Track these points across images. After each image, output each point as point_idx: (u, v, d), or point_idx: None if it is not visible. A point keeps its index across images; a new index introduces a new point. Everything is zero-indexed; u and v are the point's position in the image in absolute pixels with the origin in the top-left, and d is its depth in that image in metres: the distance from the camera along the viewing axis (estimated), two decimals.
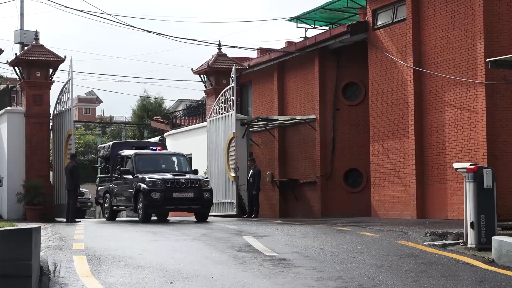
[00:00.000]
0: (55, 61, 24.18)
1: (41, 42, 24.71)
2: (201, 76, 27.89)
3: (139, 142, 26.61)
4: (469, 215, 12.41)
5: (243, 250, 12.20)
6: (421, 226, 16.36)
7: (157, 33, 45.16)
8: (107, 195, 23.13)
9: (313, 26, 30.56)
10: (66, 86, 24.17)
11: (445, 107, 20.87)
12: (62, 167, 23.13)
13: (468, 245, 12.35)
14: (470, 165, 12.67)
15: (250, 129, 27.65)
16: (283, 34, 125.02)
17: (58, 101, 24.79)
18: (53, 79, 24.53)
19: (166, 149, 25.54)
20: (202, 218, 21.22)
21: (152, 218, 22.01)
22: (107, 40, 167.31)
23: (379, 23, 23.91)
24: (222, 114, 25.28)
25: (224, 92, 25.11)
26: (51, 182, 24.40)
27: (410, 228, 15.81)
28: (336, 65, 26.78)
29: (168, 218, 23.15)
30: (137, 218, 21.82)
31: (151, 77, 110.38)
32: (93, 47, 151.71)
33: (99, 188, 24.19)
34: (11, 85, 26.48)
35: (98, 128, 62.75)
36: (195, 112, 37.68)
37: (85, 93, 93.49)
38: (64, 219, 21.95)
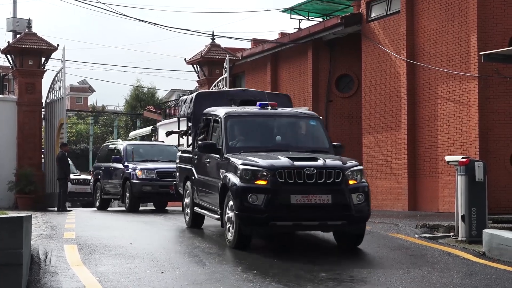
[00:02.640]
0: (48, 50, 24.08)
1: (34, 30, 24.59)
2: (194, 66, 27.84)
3: (244, 94, 14.74)
4: (460, 208, 12.45)
5: None
6: (412, 219, 16.41)
7: (150, 23, 45.04)
8: (188, 183, 14.17)
9: (307, 17, 30.53)
10: (58, 74, 24.08)
11: (437, 100, 20.89)
12: (54, 156, 23.07)
13: (459, 238, 12.39)
14: (462, 158, 12.70)
15: None
16: (276, 25, 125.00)
17: (51, 90, 24.71)
18: (46, 67, 24.43)
19: (291, 106, 14.40)
20: (352, 242, 11.54)
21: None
22: (100, 29, 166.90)
23: (373, 15, 23.89)
24: None
25: (217, 83, 25.07)
26: (43, 171, 24.34)
27: (401, 221, 15.85)
28: (330, 57, 26.77)
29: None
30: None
31: (144, 66, 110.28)
32: (86, 36, 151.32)
33: (179, 170, 15.12)
34: (3, 73, 26.36)
35: (90, 117, 62.63)
36: None
37: (77, 82, 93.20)
38: (56, 208, 21.90)
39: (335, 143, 12.71)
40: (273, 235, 12.07)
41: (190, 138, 14.58)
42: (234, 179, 10.96)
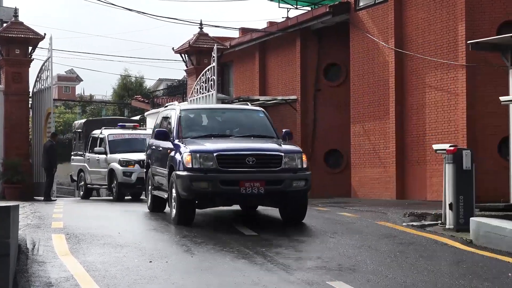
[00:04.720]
0: (35, 39, 23.95)
1: (20, 19, 24.45)
2: (182, 55, 27.76)
3: None
4: (448, 196, 12.48)
5: (224, 230, 12.20)
6: (400, 207, 16.45)
7: (138, 12, 44.70)
8: None
9: (295, 6, 30.47)
10: (45, 64, 23.97)
11: (425, 89, 20.91)
12: (42, 145, 22.98)
13: (447, 226, 12.44)
14: (450, 146, 12.73)
15: None
16: (265, 14, 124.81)
17: (38, 79, 24.60)
18: (33, 56, 24.32)
19: None
20: None
21: None
22: (88, 18, 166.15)
23: (361, 4, 23.87)
24: (203, 93, 25.18)
25: (205, 72, 25.00)
26: (30, 161, 24.24)
27: (389, 209, 15.89)
28: (318, 45, 26.74)
29: None
30: None
31: (132, 56, 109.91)
32: (74, 25, 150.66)
33: None
34: None
35: (78, 107, 62.41)
36: (175, 91, 37.61)
37: (65, 72, 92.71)
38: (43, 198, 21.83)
39: None
40: None
41: None
42: None
